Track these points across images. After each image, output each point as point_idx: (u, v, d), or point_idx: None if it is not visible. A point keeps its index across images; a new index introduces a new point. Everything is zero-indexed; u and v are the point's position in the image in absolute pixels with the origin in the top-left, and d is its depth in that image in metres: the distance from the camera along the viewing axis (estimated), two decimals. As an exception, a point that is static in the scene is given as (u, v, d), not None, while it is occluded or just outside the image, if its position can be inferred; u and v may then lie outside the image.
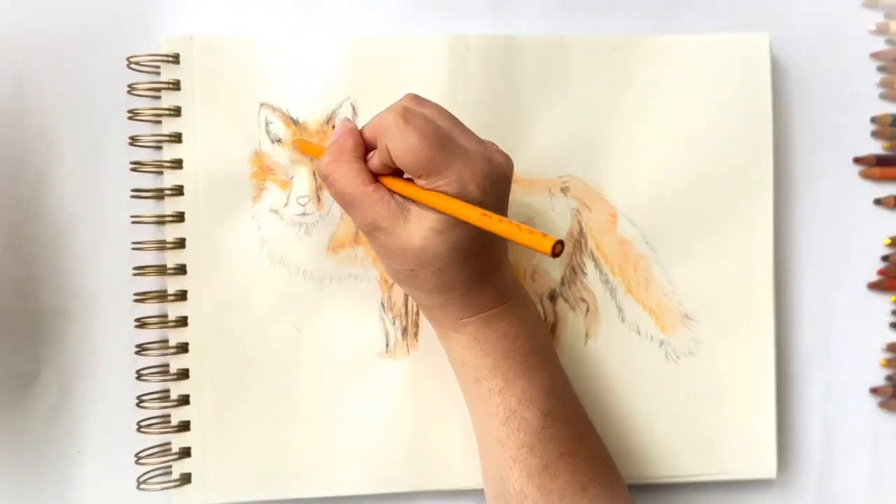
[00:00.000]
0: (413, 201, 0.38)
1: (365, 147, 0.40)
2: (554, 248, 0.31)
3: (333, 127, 0.47)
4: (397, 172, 0.39)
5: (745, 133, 0.49)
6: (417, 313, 0.47)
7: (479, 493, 0.48)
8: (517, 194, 0.48)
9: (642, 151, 0.49)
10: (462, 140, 0.38)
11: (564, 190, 0.48)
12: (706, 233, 0.49)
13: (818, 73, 0.51)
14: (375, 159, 0.39)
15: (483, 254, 0.39)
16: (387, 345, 0.47)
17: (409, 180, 0.38)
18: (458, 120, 0.40)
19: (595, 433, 0.44)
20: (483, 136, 0.39)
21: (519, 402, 0.41)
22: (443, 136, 0.37)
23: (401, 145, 0.36)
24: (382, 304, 0.47)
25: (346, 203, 0.39)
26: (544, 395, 0.41)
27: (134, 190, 0.46)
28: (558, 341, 0.48)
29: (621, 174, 0.48)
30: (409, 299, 0.47)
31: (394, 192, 0.39)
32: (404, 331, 0.47)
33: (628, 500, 0.43)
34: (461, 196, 0.36)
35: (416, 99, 0.39)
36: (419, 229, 0.37)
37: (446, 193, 0.36)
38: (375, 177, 0.39)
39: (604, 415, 0.48)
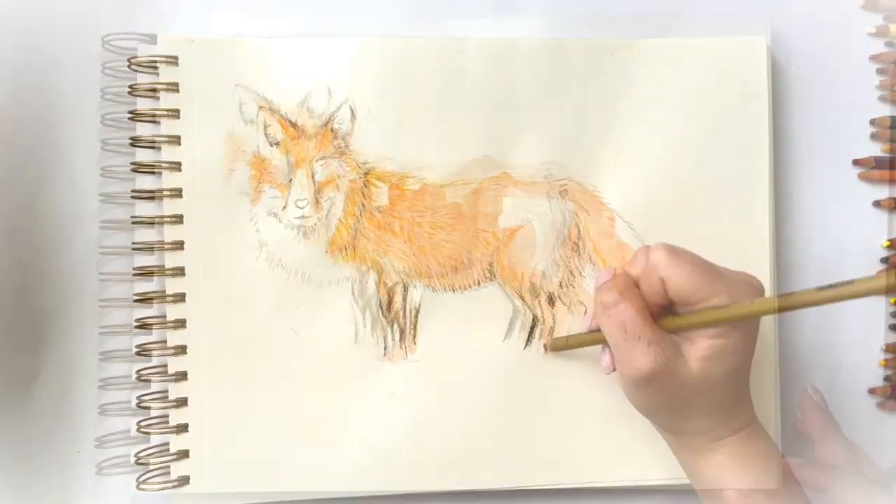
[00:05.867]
0: (687, 331, 0.39)
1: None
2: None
3: (332, 130, 0.47)
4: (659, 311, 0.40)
5: (742, 136, 0.49)
6: (416, 317, 0.48)
7: (476, 494, 0.48)
8: (516, 197, 0.48)
9: (640, 155, 0.48)
10: (720, 268, 0.40)
11: (563, 193, 0.48)
12: (705, 235, 0.49)
13: (817, 76, 0.51)
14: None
15: (749, 365, 0.40)
16: (385, 348, 0.47)
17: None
18: None
19: None
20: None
21: None
22: (707, 262, 0.39)
23: (676, 274, 0.38)
24: (381, 308, 0.47)
25: (627, 337, 0.39)
26: None
27: (134, 191, 0.46)
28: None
29: (620, 177, 0.48)
30: (408, 303, 0.47)
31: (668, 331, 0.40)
32: (402, 334, 0.48)
33: None
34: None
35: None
36: (695, 359, 0.38)
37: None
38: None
39: (602, 417, 0.48)
